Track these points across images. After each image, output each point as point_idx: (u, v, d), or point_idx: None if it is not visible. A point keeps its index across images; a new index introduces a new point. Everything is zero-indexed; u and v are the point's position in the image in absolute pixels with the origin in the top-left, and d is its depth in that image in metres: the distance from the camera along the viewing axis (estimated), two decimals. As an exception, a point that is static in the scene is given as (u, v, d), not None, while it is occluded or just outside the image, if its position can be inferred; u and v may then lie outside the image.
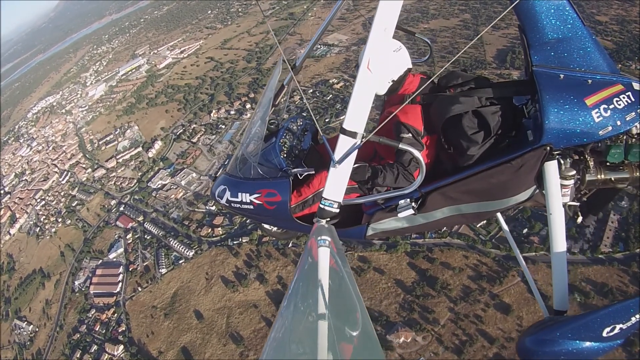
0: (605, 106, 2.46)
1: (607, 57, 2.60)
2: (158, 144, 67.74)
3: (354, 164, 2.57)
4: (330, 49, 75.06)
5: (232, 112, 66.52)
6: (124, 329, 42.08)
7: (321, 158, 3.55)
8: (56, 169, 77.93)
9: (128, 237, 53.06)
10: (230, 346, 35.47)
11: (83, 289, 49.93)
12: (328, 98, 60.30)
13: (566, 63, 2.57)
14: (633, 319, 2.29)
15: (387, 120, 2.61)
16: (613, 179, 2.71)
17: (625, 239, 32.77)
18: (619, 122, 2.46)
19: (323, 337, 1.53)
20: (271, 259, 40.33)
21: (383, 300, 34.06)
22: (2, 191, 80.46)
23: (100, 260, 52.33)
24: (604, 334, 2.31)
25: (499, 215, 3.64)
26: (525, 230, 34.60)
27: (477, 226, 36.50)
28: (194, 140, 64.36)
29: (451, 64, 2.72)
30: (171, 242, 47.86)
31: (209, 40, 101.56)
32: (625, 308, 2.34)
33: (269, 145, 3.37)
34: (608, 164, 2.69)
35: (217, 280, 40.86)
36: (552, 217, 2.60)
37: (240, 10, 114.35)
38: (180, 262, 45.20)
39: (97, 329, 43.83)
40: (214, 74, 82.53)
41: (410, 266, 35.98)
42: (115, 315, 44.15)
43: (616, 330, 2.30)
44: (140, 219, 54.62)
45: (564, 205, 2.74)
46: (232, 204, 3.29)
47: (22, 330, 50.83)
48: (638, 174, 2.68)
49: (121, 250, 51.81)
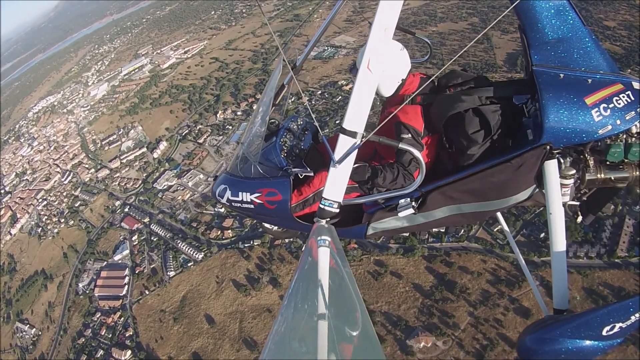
0: (605, 105, 2.46)
1: (607, 56, 2.61)
2: (163, 145, 66.84)
3: (354, 163, 2.58)
4: (337, 50, 74.82)
5: (239, 113, 65.76)
6: (131, 333, 41.06)
7: (321, 157, 3.54)
8: (58, 169, 76.83)
9: (134, 238, 52.05)
10: (244, 352, 34.60)
11: (87, 292, 48.93)
12: (338, 100, 59.81)
13: (566, 62, 2.58)
14: (633, 317, 2.28)
15: (387, 119, 2.61)
16: (613, 178, 2.70)
17: (641, 243, 32.55)
18: (618, 121, 2.47)
19: (323, 337, 1.53)
20: (284, 262, 39.49)
21: (401, 304, 33.58)
22: (3, 191, 79.22)
23: (105, 262, 51.35)
24: (604, 333, 2.30)
25: (499, 214, 3.67)
26: (542, 235, 34.17)
27: (494, 230, 36.14)
28: (200, 141, 63.51)
29: (451, 64, 2.76)
30: (179, 245, 46.86)
31: (213, 41, 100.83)
32: (625, 307, 2.33)
33: (269, 145, 3.36)
34: (608, 163, 2.68)
35: (228, 283, 39.93)
36: (552, 216, 2.60)
37: (244, 11, 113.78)
38: (189, 264, 44.21)
39: (103, 333, 42.78)
40: (219, 75, 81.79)
41: (428, 270, 35.55)
42: (122, 319, 43.11)
43: (616, 329, 2.29)
44: (146, 220, 53.63)
45: (564, 204, 2.74)
46: (233, 203, 3.30)
47: (24, 333, 49.66)
48: (638, 173, 2.67)
49: (127, 252, 50.78)
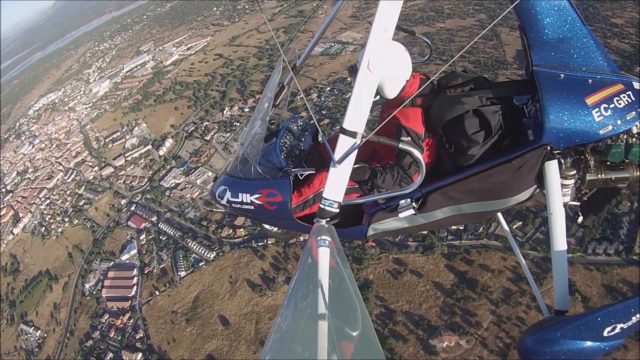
0: (606, 105, 2.45)
1: (608, 56, 2.58)
2: (169, 142, 65.51)
3: (354, 164, 2.57)
4: (344, 47, 73.95)
5: (246, 110, 64.47)
6: (141, 335, 39.91)
7: (322, 158, 3.52)
8: (61, 167, 75.43)
9: (141, 238, 50.79)
10: (261, 354, 33.37)
11: (94, 293, 47.69)
12: (348, 96, 58.69)
13: (566, 63, 2.56)
14: (634, 318, 2.27)
15: (386, 120, 2.59)
16: (613, 179, 2.68)
17: (658, 239, 32.40)
18: (619, 122, 2.46)
19: (323, 337, 1.54)
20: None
21: (422, 303, 32.96)
22: (4, 189, 77.78)
23: (112, 262, 50.11)
24: (605, 334, 2.29)
25: (499, 215, 3.68)
26: None
27: (513, 227, 35.48)
28: (207, 138, 62.21)
29: (451, 64, 2.69)
30: (190, 244, 45.61)
31: (216, 37, 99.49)
32: (626, 307, 2.32)
33: (269, 146, 3.32)
34: (608, 163, 2.66)
35: (243, 283, 38.77)
36: (552, 216, 2.58)
37: (247, 7, 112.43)
38: (201, 264, 42.96)
39: (112, 335, 41.61)
40: (224, 71, 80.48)
41: (448, 268, 34.95)
42: (132, 320, 41.93)
43: (617, 330, 2.28)
44: (154, 219, 52.34)
45: (565, 205, 2.72)
46: (233, 205, 3.27)
47: (29, 335, 48.45)
48: (638, 173, 2.65)
49: (134, 251, 49.52)
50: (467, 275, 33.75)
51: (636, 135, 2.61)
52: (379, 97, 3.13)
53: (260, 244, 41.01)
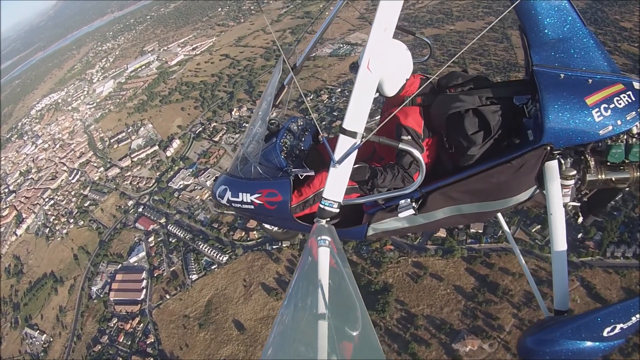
0: (606, 105, 2.45)
1: (608, 56, 2.58)
2: (176, 143, 64.63)
3: (354, 164, 2.57)
4: (353, 48, 73.72)
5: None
6: (152, 340, 38.83)
7: (322, 158, 3.53)
8: (65, 168, 74.49)
9: (150, 240, 49.75)
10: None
11: (102, 296, 46.64)
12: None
13: (566, 63, 2.55)
14: (634, 318, 2.26)
15: (386, 120, 2.60)
16: (614, 179, 2.67)
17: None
18: (619, 122, 2.45)
19: (323, 337, 1.54)
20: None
21: (444, 307, 32.35)
22: (7, 189, 76.65)
23: (120, 265, 49.05)
24: (605, 334, 2.28)
25: (499, 215, 3.69)
26: (580, 235, 33.61)
27: (532, 230, 35.40)
28: (216, 139, 61.35)
29: (450, 64, 2.69)
30: (201, 246, 44.60)
31: (222, 38, 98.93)
32: (626, 308, 2.31)
33: (269, 145, 3.31)
34: (609, 163, 2.65)
35: (257, 287, 37.77)
36: (552, 217, 2.58)
37: (252, 8, 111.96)
38: (213, 267, 41.92)
39: (121, 340, 40.52)
40: (231, 72, 79.81)
41: (468, 272, 34.41)
42: (141, 325, 40.86)
43: (617, 330, 2.27)
44: (163, 221, 51.34)
45: (565, 205, 2.71)
46: (233, 204, 3.27)
47: (34, 339, 47.29)
48: (638, 174, 2.65)
49: (143, 254, 48.50)
50: (488, 278, 33.21)
51: (636, 136, 2.59)
52: (377, 94, 3.10)
53: (274, 247, 40.07)
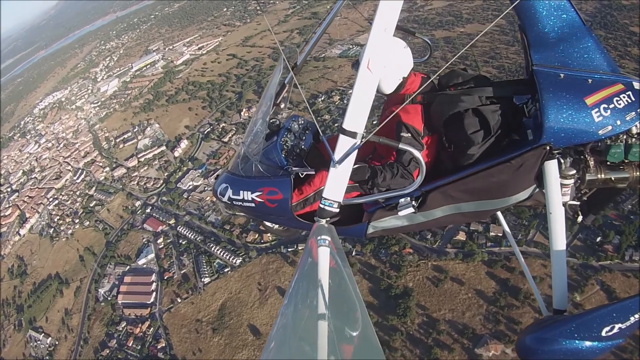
0: (606, 105, 2.46)
1: (608, 56, 2.59)
2: (184, 143, 63.61)
3: (354, 164, 2.59)
4: (362, 49, 73.21)
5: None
6: (163, 345, 37.76)
7: (322, 157, 3.54)
8: (69, 167, 73.35)
9: (159, 241, 48.69)
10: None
11: (109, 299, 45.52)
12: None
13: (566, 62, 2.56)
14: (632, 318, 2.27)
15: (387, 119, 2.60)
16: (613, 179, 2.68)
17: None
18: (619, 122, 2.47)
19: (323, 337, 1.55)
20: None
21: (465, 311, 31.80)
22: (10, 189, 75.43)
23: (128, 267, 47.99)
24: (603, 334, 2.29)
25: (499, 214, 3.71)
26: (598, 239, 33.54)
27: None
28: (225, 139, 60.39)
29: (450, 64, 2.70)
30: (213, 249, 43.57)
31: (228, 38, 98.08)
32: (625, 307, 2.32)
33: (270, 144, 3.34)
34: (608, 163, 2.66)
35: (273, 291, 36.72)
36: (552, 216, 2.59)
37: (258, 8, 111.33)
38: (226, 270, 40.88)
39: (130, 345, 39.45)
40: (239, 72, 78.93)
41: (489, 275, 33.80)
42: (152, 329, 39.78)
43: (615, 330, 2.28)
44: (172, 222, 50.29)
45: (564, 204, 2.72)
46: (234, 202, 3.29)
47: (38, 342, 46.14)
48: (638, 173, 2.66)
49: (152, 255, 47.42)
50: (509, 282, 32.61)
51: (636, 136, 2.59)
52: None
53: (289, 249, 38.98)
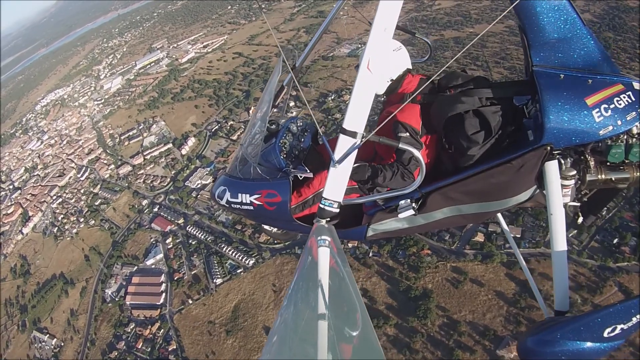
0: (606, 106, 2.45)
1: (608, 56, 2.60)
2: (191, 141, 62.63)
3: (354, 164, 2.58)
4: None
5: (274, 110, 61.86)
6: (175, 347, 36.73)
7: (321, 158, 3.54)
8: (73, 165, 72.23)
9: (167, 241, 47.63)
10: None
11: (117, 299, 44.43)
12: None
13: (566, 63, 2.56)
14: (634, 319, 2.27)
15: (387, 120, 2.62)
16: (614, 179, 2.67)
17: None
18: (619, 122, 2.46)
19: (323, 337, 1.55)
20: (352, 269, 35.63)
21: (486, 313, 31.22)
22: (12, 186, 74.21)
23: (136, 267, 46.91)
24: (605, 335, 2.29)
25: (499, 215, 3.67)
26: (615, 241, 33.20)
27: (569, 235, 34.09)
28: (234, 137, 59.41)
29: (450, 65, 2.70)
30: (224, 249, 42.53)
31: (234, 36, 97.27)
32: (627, 308, 2.31)
33: (269, 146, 3.31)
34: (609, 163, 2.66)
35: (288, 293, 35.83)
36: (552, 217, 2.58)
37: (264, 7, 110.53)
38: (239, 271, 39.86)
39: (140, 347, 38.40)
40: (246, 70, 78.11)
41: (508, 277, 33.23)
42: (162, 330, 38.73)
43: (617, 331, 2.28)
44: (181, 221, 49.24)
45: (565, 205, 2.72)
46: (232, 205, 3.25)
47: (43, 343, 45.01)
48: (638, 174, 2.65)
49: (160, 256, 46.38)
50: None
51: (636, 136, 2.58)
52: None
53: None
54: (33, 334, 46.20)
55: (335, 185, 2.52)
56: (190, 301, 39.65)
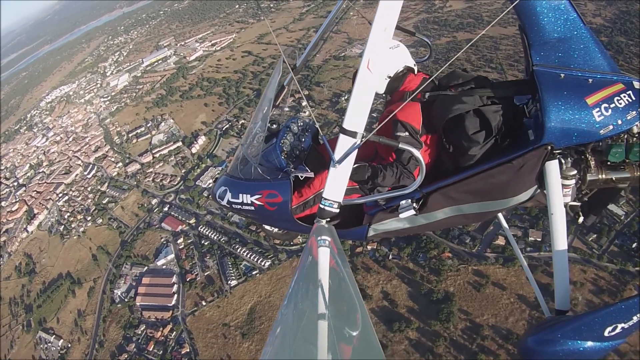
0: (606, 105, 2.45)
1: (608, 56, 2.58)
2: (202, 140, 61.67)
3: (354, 164, 2.57)
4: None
5: (286, 109, 61.05)
6: (188, 350, 35.67)
7: (322, 158, 3.52)
8: (79, 162, 71.22)
9: (179, 241, 46.62)
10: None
11: (126, 300, 43.36)
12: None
13: (567, 62, 2.55)
14: (635, 318, 2.26)
15: (387, 119, 2.62)
16: (614, 179, 2.67)
17: None
18: (619, 121, 2.46)
19: (323, 337, 1.55)
20: (371, 272, 34.84)
21: (508, 317, 30.68)
22: (16, 183, 73.17)
23: (146, 268, 45.84)
24: (606, 334, 2.28)
25: (500, 215, 3.66)
26: (634, 245, 32.79)
27: (589, 240, 34.53)
28: (245, 136, 58.52)
29: (450, 64, 2.67)
30: (238, 250, 41.53)
31: (242, 35, 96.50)
32: (627, 307, 2.30)
33: (269, 146, 3.31)
34: (609, 163, 2.66)
35: (307, 296, 34.93)
36: (553, 217, 2.57)
37: (272, 6, 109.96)
38: (254, 273, 38.84)
39: (151, 349, 37.33)
40: (255, 69, 77.32)
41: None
42: (174, 333, 37.65)
43: (618, 330, 2.27)
44: (192, 221, 48.23)
45: (565, 205, 2.71)
46: (233, 205, 3.25)
47: (49, 344, 43.94)
48: (639, 173, 2.64)
49: (172, 256, 45.33)
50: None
51: (637, 135, 2.58)
52: None
53: (323, 252, 37.16)
54: (39, 334, 45.15)
55: (335, 186, 2.51)
56: (203, 303, 38.62)
